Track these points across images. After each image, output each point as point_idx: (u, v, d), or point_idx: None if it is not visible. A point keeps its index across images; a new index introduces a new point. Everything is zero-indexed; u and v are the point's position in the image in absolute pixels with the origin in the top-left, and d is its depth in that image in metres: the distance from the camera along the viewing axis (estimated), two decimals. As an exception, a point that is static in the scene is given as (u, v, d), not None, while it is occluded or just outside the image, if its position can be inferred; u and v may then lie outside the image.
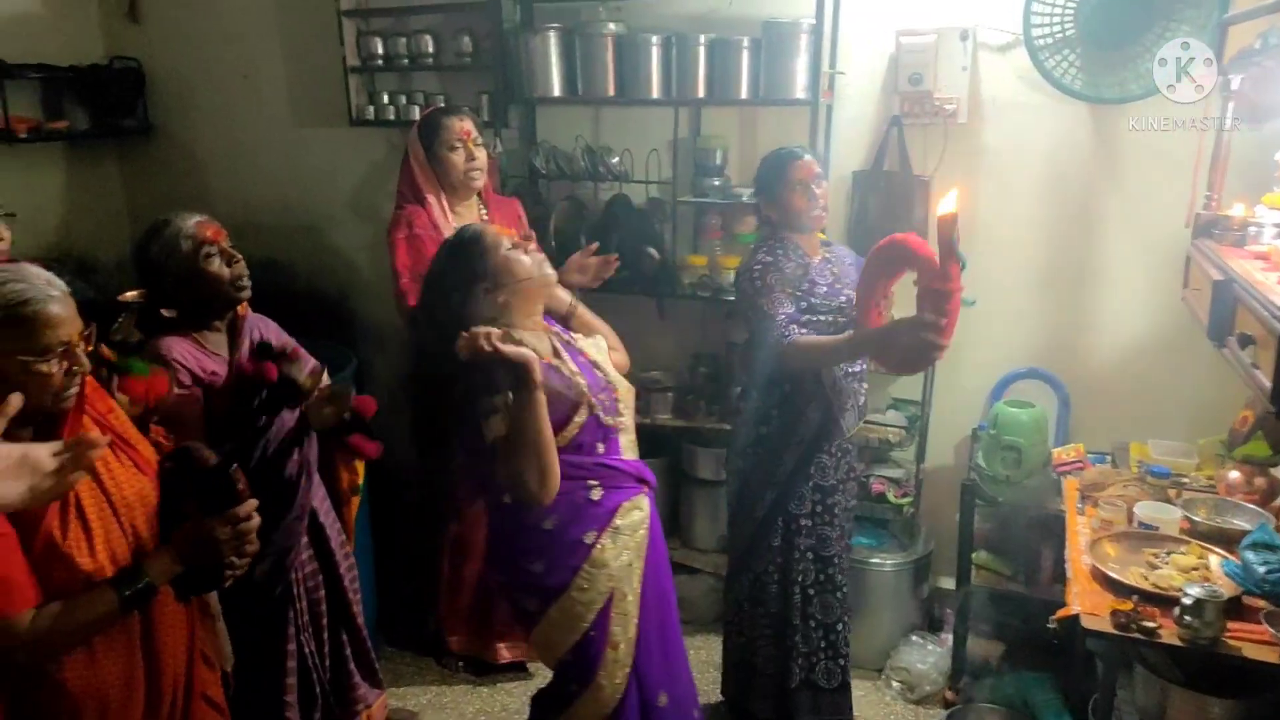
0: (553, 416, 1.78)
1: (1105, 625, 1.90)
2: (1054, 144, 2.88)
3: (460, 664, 3.02)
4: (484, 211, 2.89)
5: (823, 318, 2.39)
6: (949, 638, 2.95)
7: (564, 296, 2.10)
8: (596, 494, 1.90)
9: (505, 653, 2.99)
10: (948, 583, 3.09)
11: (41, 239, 3.69)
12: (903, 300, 2.20)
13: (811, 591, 2.51)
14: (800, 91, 2.88)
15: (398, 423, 2.49)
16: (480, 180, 2.81)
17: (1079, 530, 2.29)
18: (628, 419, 1.99)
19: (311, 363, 2.08)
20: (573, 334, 2.05)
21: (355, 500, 2.32)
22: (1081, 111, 2.81)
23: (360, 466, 2.31)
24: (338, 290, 3.89)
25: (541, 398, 1.74)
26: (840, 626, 2.54)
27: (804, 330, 2.33)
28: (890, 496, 3.03)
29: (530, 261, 1.91)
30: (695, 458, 3.32)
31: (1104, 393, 2.97)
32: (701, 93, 3.02)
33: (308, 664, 2.19)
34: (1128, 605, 1.90)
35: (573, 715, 1.96)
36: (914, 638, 2.99)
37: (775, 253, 2.40)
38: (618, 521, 1.93)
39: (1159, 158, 2.74)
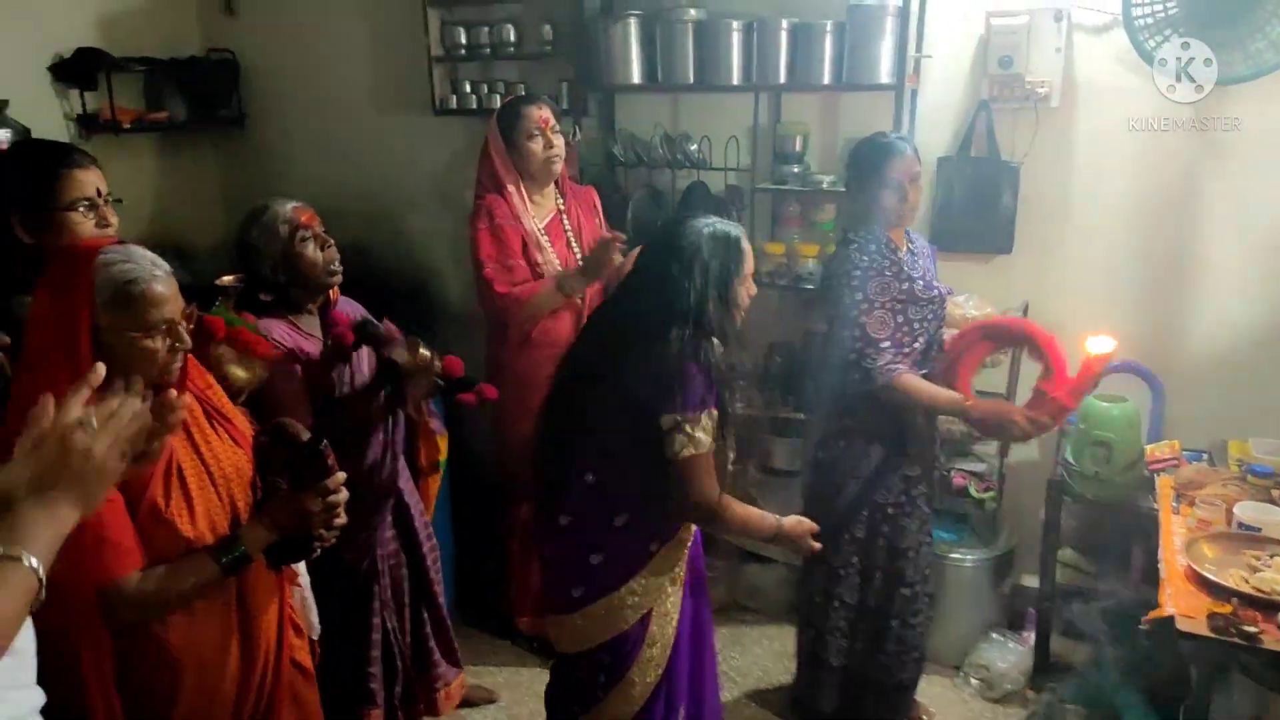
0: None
1: (1202, 628, 1.83)
2: (1154, 128, 2.76)
3: (534, 644, 3.06)
4: (561, 200, 2.91)
5: (922, 314, 2.34)
6: (1030, 636, 2.87)
7: None
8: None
9: None
10: (1030, 580, 3.01)
11: (141, 225, 3.85)
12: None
13: (882, 584, 2.48)
14: (885, 76, 2.82)
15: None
16: (559, 168, 2.82)
17: (1174, 530, 2.21)
18: None
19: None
20: None
21: (436, 477, 2.37)
22: (1184, 94, 2.69)
23: (443, 444, 2.35)
24: (417, 276, 3.97)
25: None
26: (913, 621, 2.49)
27: (907, 361, 2.30)
28: (972, 491, 2.96)
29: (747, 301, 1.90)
30: (770, 447, 3.30)
31: (1201, 388, 2.85)
32: (783, 78, 2.98)
33: (390, 639, 2.25)
34: (1226, 608, 1.83)
35: (600, 712, 1.92)
36: (994, 635, 2.93)
37: (869, 251, 2.31)
38: (682, 534, 1.92)
39: (1268, 141, 2.60)
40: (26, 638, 1.09)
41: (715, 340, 1.81)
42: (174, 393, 1.15)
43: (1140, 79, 2.71)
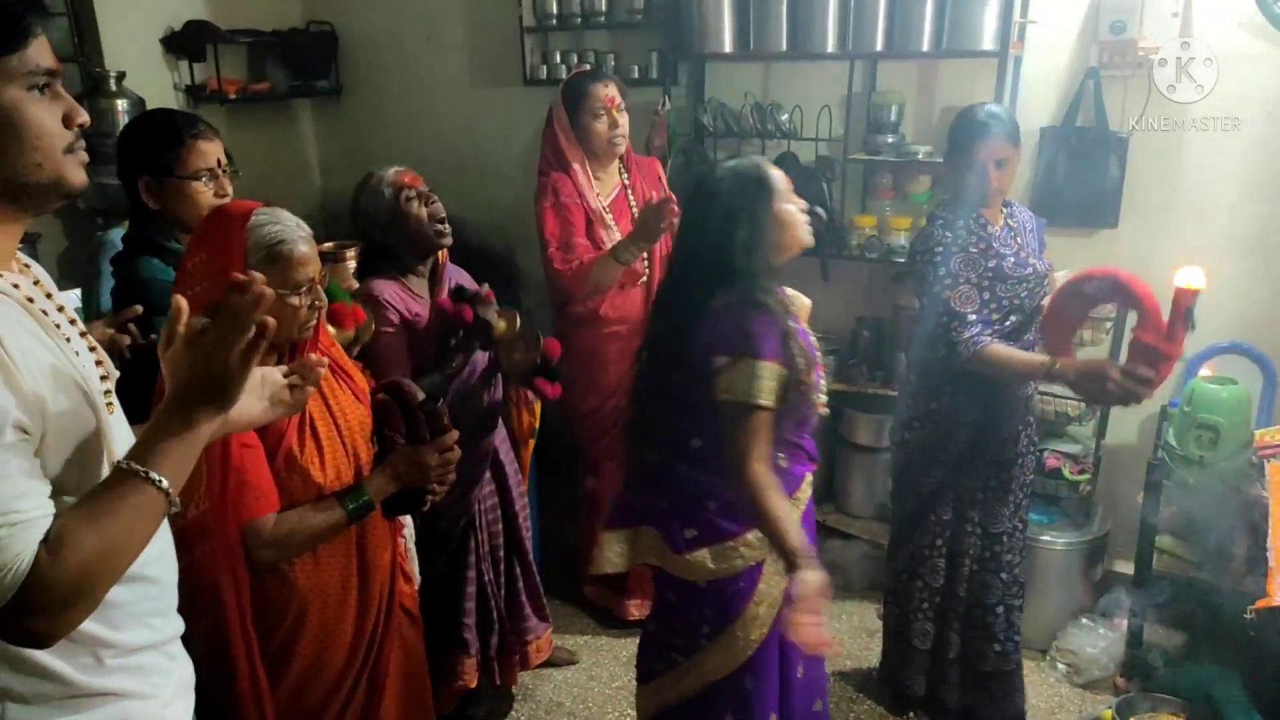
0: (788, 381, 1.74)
1: (1314, 619, 1.75)
2: (1276, 99, 2.61)
3: (601, 613, 3.10)
4: (625, 175, 2.88)
5: (1013, 291, 2.27)
6: (1122, 622, 2.79)
7: None
8: (784, 463, 1.85)
9: (634, 610, 3.01)
10: (1124, 566, 2.92)
11: (242, 193, 3.98)
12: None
13: (976, 568, 2.42)
14: (988, 42, 2.74)
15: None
16: (623, 146, 2.78)
17: (1285, 517, 2.12)
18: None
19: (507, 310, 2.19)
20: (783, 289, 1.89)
21: (531, 442, 2.43)
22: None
23: (538, 409, 2.41)
24: (506, 245, 4.03)
25: None
26: (1001, 610, 2.43)
27: (994, 335, 2.22)
28: (1066, 472, 2.88)
29: (800, 217, 1.81)
30: (855, 423, 3.27)
31: (1318, 372, 2.71)
32: (879, 45, 2.92)
33: (486, 591, 2.34)
34: (1342, 600, 1.75)
35: (700, 662, 1.90)
36: (1084, 620, 2.86)
37: (955, 228, 2.25)
38: (797, 494, 1.89)
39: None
40: (168, 568, 1.16)
41: (768, 288, 1.75)
42: (315, 355, 1.21)
43: (1266, 44, 2.57)
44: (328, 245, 2.46)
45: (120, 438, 1.06)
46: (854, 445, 3.30)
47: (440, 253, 2.33)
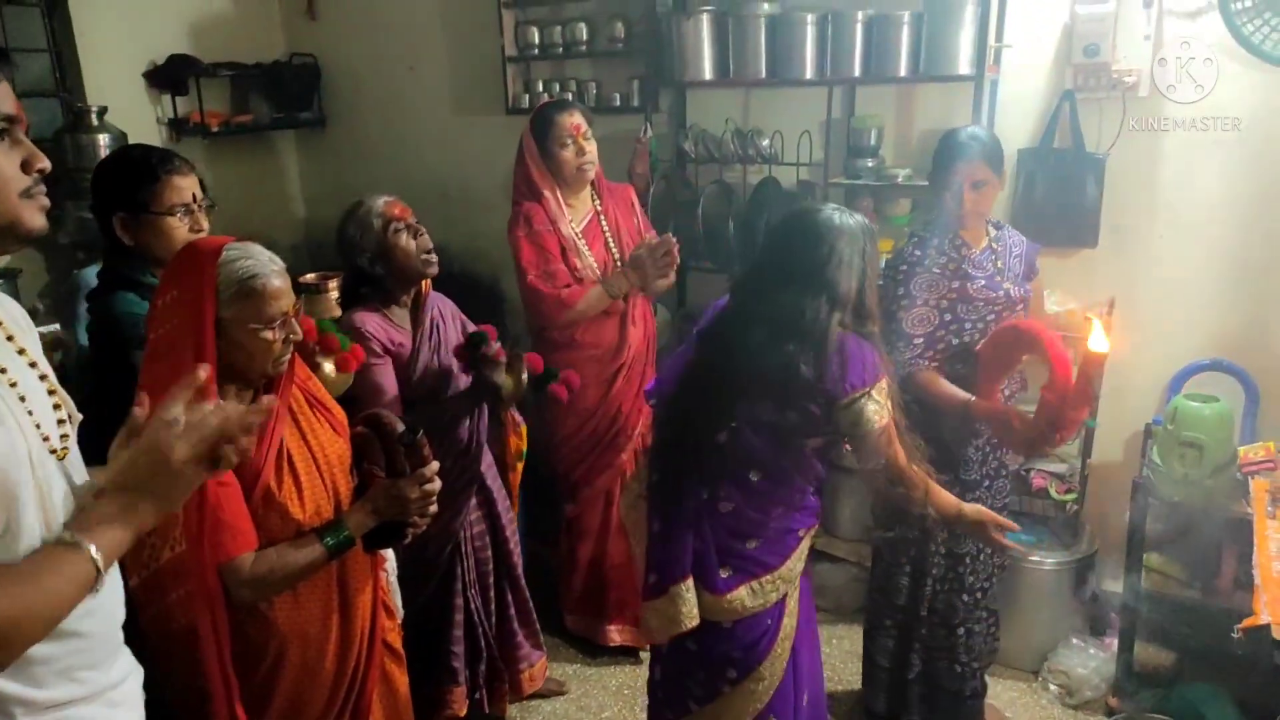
0: None
1: (1301, 638, 1.75)
2: (1250, 118, 2.65)
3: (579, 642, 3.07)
4: (598, 201, 2.88)
5: (978, 314, 2.29)
6: (1113, 642, 2.79)
7: None
8: (814, 492, 1.92)
9: (615, 636, 2.98)
10: (1113, 585, 2.92)
11: (226, 224, 3.98)
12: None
13: (940, 588, 2.44)
14: (964, 67, 2.76)
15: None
16: (592, 173, 2.80)
17: (1269, 535, 2.12)
18: None
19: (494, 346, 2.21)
20: None
21: (519, 466, 2.42)
22: (1283, 81, 2.58)
23: (524, 432, 2.40)
24: (491, 273, 4.03)
25: None
26: (962, 631, 2.44)
27: (942, 355, 2.28)
28: (1052, 492, 2.89)
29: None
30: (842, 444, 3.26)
31: (1299, 388, 2.73)
32: (857, 71, 2.94)
33: (474, 619, 2.32)
34: (1328, 618, 1.75)
35: (723, 705, 1.91)
36: (1075, 640, 2.85)
37: (927, 247, 2.28)
38: (797, 550, 1.91)
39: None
40: (102, 621, 1.13)
41: (868, 319, 1.87)
42: (268, 398, 1.19)
43: (1237, 66, 2.60)
44: (311, 276, 2.45)
45: (62, 490, 1.05)
46: (841, 468, 3.28)
47: (424, 282, 2.33)
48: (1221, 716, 2.46)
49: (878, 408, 1.79)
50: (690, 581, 1.85)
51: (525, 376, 2.20)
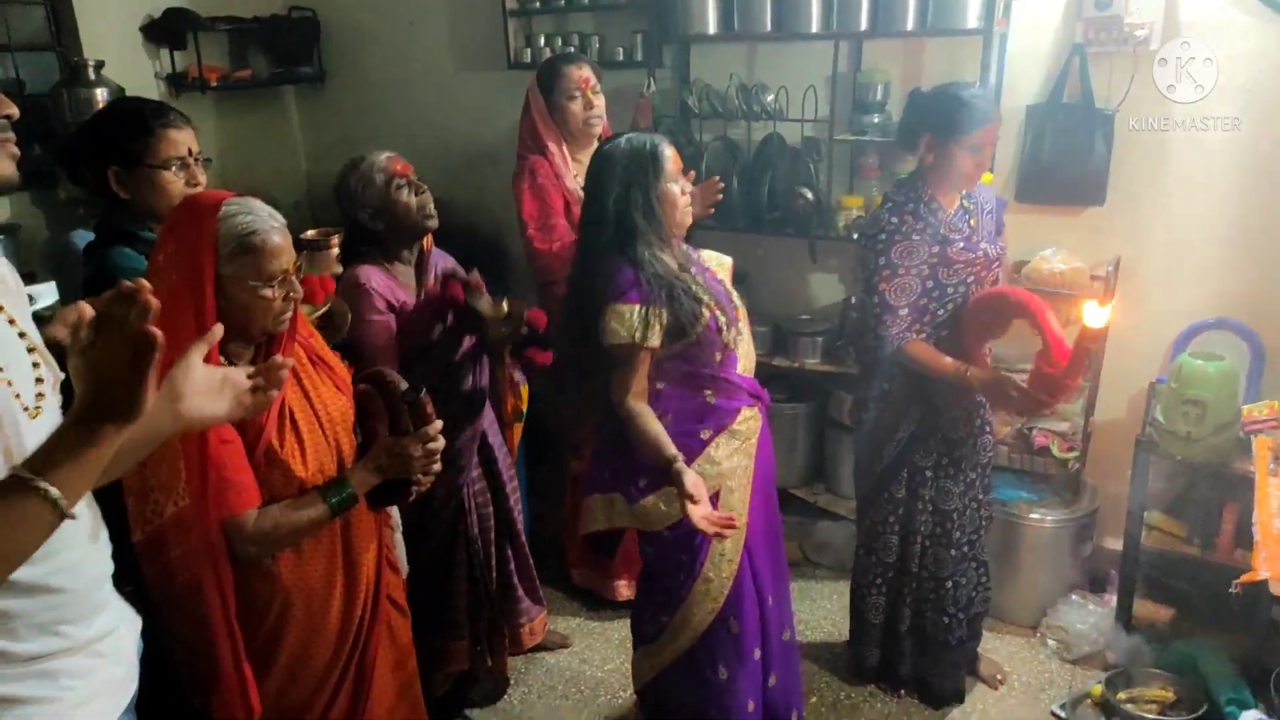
0: (677, 322, 1.89)
1: (1298, 594, 1.76)
2: (1265, 73, 2.60)
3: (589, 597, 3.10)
4: None
5: (958, 277, 2.27)
6: (1112, 598, 2.81)
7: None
8: (712, 399, 1.97)
9: (623, 590, 3.01)
10: (1113, 543, 2.93)
11: (227, 181, 3.97)
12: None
13: (928, 544, 2.47)
14: (972, 20, 2.71)
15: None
16: (599, 127, 2.79)
17: (1270, 492, 2.13)
18: (746, 339, 2.04)
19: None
20: (699, 250, 2.13)
21: (519, 425, 2.43)
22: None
23: (525, 392, 2.41)
24: (493, 227, 4.01)
25: None
26: (950, 584, 2.47)
27: (928, 324, 2.28)
28: (1054, 450, 2.88)
29: (682, 200, 1.99)
30: (842, 403, 3.26)
31: (1305, 346, 2.71)
32: (864, 25, 2.89)
33: (476, 574, 2.34)
34: (1326, 574, 1.76)
35: (687, 612, 2.02)
36: (1074, 597, 2.87)
37: (904, 212, 2.24)
38: (735, 426, 1.98)
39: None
40: (80, 576, 1.12)
41: (651, 242, 1.90)
42: (280, 357, 1.18)
43: (1251, 18, 2.55)
44: (312, 232, 2.43)
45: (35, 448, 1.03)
46: (842, 426, 3.30)
47: (426, 239, 2.31)
48: (1218, 671, 2.49)
49: (618, 326, 1.84)
50: (602, 495, 2.02)
51: (507, 307, 2.20)
